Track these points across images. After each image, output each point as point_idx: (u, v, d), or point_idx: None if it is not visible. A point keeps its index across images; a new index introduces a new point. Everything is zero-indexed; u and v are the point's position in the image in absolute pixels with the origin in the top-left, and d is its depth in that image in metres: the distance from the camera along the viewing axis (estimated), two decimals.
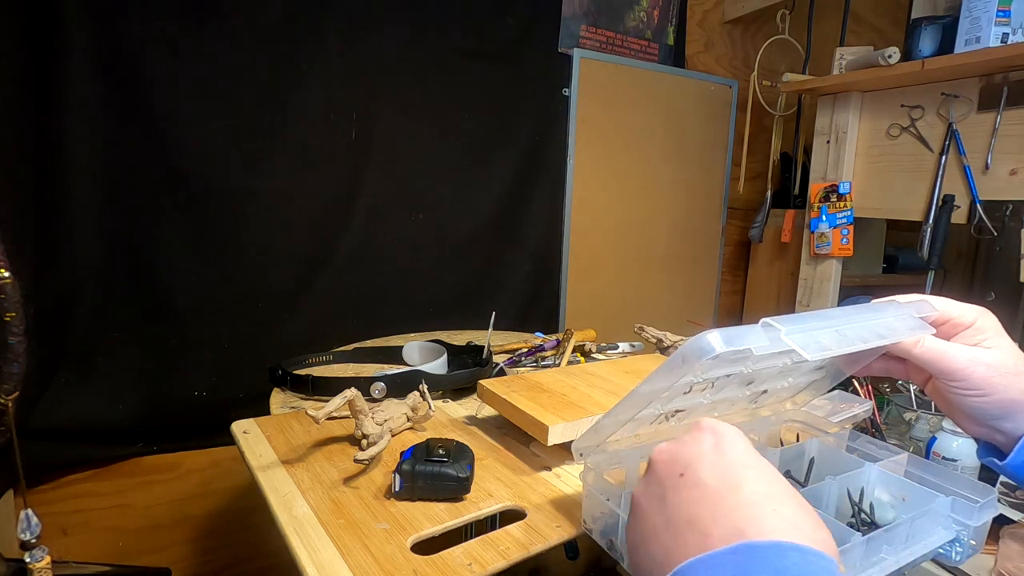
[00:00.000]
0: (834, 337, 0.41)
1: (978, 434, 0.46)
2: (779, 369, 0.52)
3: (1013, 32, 1.21)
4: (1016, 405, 0.42)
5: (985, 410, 0.43)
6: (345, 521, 0.58)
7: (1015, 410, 0.42)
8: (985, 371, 0.42)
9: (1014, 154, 1.27)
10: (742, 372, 0.48)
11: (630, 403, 0.46)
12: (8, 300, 0.82)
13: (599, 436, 0.51)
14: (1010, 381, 0.42)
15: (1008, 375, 0.42)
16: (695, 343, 0.38)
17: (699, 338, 0.38)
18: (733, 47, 2.09)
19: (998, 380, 0.42)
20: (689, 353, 0.38)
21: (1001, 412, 0.42)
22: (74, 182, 1.14)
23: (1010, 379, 0.42)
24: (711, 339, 0.37)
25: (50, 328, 1.15)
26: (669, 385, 0.42)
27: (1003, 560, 0.72)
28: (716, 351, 0.37)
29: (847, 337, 0.42)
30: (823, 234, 1.65)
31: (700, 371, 0.42)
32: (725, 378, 0.50)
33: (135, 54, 1.16)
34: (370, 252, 1.47)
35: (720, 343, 0.37)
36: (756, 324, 0.39)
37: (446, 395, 0.95)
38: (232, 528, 1.44)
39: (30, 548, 0.78)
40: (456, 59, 1.51)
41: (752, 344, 0.38)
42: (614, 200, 1.88)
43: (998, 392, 0.42)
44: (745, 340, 0.38)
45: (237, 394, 1.32)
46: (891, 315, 0.45)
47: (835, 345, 0.41)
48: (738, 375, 0.50)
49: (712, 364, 0.41)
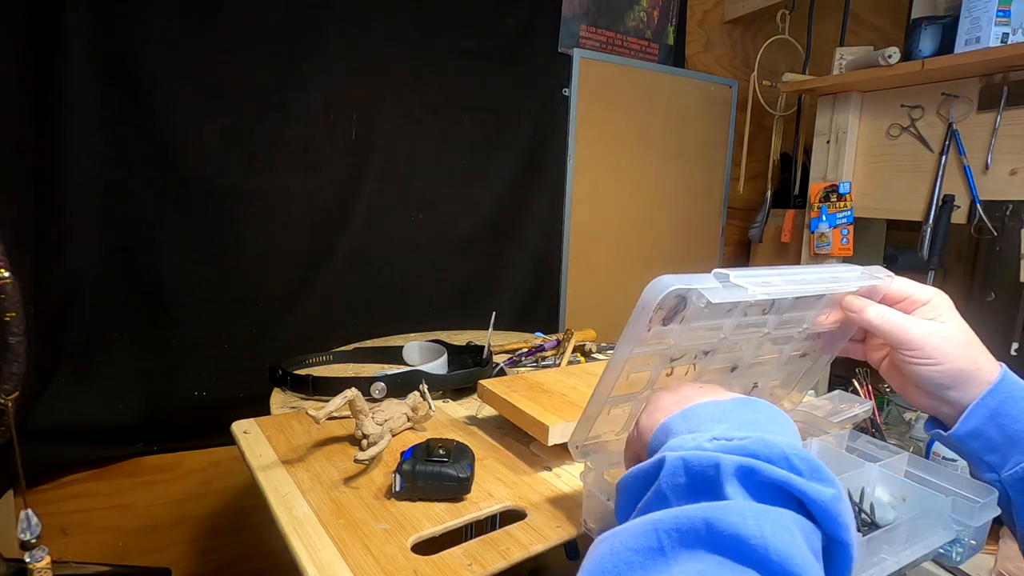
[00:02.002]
0: (783, 280, 0.44)
1: (926, 407, 0.49)
2: (756, 345, 0.52)
3: (1013, 32, 1.21)
4: (965, 375, 0.46)
5: (937, 380, 0.46)
6: (345, 521, 0.58)
7: (964, 379, 0.46)
8: (939, 342, 0.46)
9: (1014, 154, 1.27)
10: (717, 344, 0.50)
11: (609, 375, 0.47)
12: (8, 300, 0.82)
13: (589, 423, 0.51)
14: (961, 351, 0.46)
15: (960, 346, 0.46)
16: (651, 286, 0.41)
17: (654, 281, 0.41)
18: (733, 47, 2.09)
19: (950, 350, 0.46)
20: (646, 296, 0.41)
21: (951, 381, 0.46)
22: (74, 182, 1.14)
23: (961, 350, 0.46)
24: (664, 279, 0.41)
25: (50, 328, 1.15)
26: (637, 339, 0.43)
27: (1003, 560, 0.72)
28: (670, 287, 0.40)
29: (796, 281, 0.45)
30: (823, 234, 1.65)
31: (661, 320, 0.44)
32: (704, 356, 0.50)
33: (135, 54, 1.16)
34: (370, 252, 1.47)
35: (673, 280, 0.40)
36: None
37: (446, 395, 0.95)
38: (232, 528, 1.44)
39: (30, 548, 0.78)
40: (456, 59, 1.51)
41: (703, 285, 0.41)
42: (614, 200, 1.88)
43: (949, 361, 0.45)
44: (697, 281, 0.41)
45: (237, 394, 1.31)
46: (840, 269, 0.50)
47: (784, 285, 0.44)
48: (717, 351, 0.50)
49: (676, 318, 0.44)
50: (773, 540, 0.27)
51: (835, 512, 0.30)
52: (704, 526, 0.29)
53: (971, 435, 0.46)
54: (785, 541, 0.28)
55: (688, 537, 0.29)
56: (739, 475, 0.31)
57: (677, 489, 0.33)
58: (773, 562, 0.27)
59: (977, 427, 0.46)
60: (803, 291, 0.46)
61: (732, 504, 0.30)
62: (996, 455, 0.46)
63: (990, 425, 0.45)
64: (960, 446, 0.47)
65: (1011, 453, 0.45)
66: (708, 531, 0.28)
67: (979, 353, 0.46)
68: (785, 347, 0.56)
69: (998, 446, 0.46)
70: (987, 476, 0.47)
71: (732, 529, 0.28)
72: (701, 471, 0.32)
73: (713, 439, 0.34)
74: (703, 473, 0.32)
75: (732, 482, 0.31)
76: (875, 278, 0.50)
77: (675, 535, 0.29)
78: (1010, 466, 0.45)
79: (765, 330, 0.51)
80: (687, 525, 0.29)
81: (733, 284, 0.42)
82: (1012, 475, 0.45)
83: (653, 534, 0.30)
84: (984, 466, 0.47)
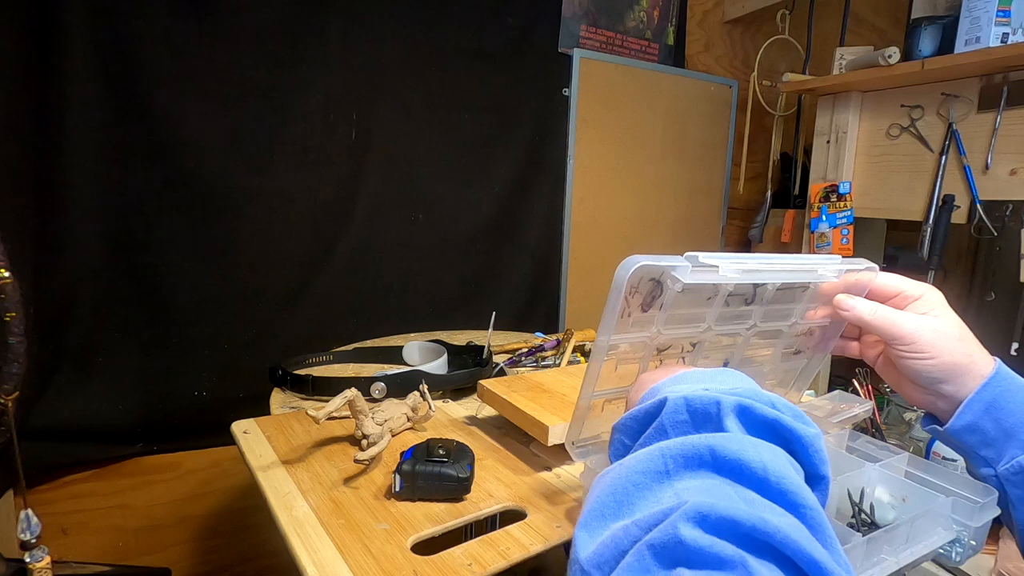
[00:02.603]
0: (756, 263, 0.45)
1: (922, 402, 0.49)
2: (744, 339, 0.52)
3: (1013, 32, 1.21)
4: (959, 368, 0.46)
5: (931, 373, 0.46)
6: (345, 521, 0.58)
7: (958, 373, 0.46)
8: (932, 335, 0.46)
9: (1014, 154, 1.27)
10: (703, 335, 0.50)
11: (594, 362, 0.47)
12: (8, 300, 0.82)
13: (581, 417, 0.51)
14: (954, 345, 0.46)
15: (952, 339, 0.46)
16: (621, 265, 0.41)
17: (624, 260, 0.41)
18: (733, 47, 2.09)
19: (943, 344, 0.46)
20: (618, 275, 0.41)
21: (944, 375, 0.46)
22: (74, 182, 1.14)
23: (954, 343, 0.46)
24: (633, 257, 0.41)
25: (50, 328, 1.15)
26: (615, 322, 0.44)
27: (1003, 560, 0.72)
28: (639, 263, 0.40)
29: (770, 267, 0.45)
30: (823, 234, 1.65)
31: (640, 306, 0.44)
32: (692, 348, 0.50)
33: (135, 54, 1.16)
34: (370, 252, 1.47)
35: (641, 258, 0.41)
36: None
37: (446, 395, 0.95)
38: (232, 528, 1.44)
39: (30, 548, 0.78)
40: (456, 59, 1.51)
41: (670, 263, 0.42)
42: (614, 200, 1.87)
43: (943, 355, 0.46)
44: (665, 260, 0.42)
45: (237, 394, 1.31)
46: (818, 258, 0.50)
47: (756, 267, 0.44)
48: (703, 343, 0.50)
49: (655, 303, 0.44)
50: (771, 465, 0.30)
51: (817, 447, 0.34)
52: (708, 452, 0.31)
53: (967, 429, 0.46)
54: (781, 467, 0.31)
55: (693, 461, 0.31)
56: (737, 412, 0.34)
57: (678, 425, 0.35)
58: (771, 483, 0.30)
59: (972, 421, 0.46)
60: (775, 277, 0.46)
61: (732, 435, 0.33)
62: (992, 450, 0.46)
63: (985, 419, 0.45)
64: (956, 441, 0.47)
65: (1007, 447, 0.45)
66: (712, 456, 0.31)
67: (973, 347, 0.47)
68: (776, 343, 0.55)
69: (993, 440, 0.46)
70: (983, 471, 0.47)
71: (735, 455, 0.31)
72: (703, 408, 0.35)
73: (705, 390, 0.36)
74: (705, 410, 0.35)
75: (731, 417, 0.34)
76: (855, 268, 0.50)
77: (680, 459, 0.32)
78: (1006, 460, 0.45)
79: (751, 322, 0.51)
80: (692, 451, 0.32)
81: (703, 264, 0.42)
82: (1008, 469, 0.45)
83: (660, 459, 0.32)
84: (980, 461, 0.47)
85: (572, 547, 0.31)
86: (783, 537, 0.26)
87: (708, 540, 0.26)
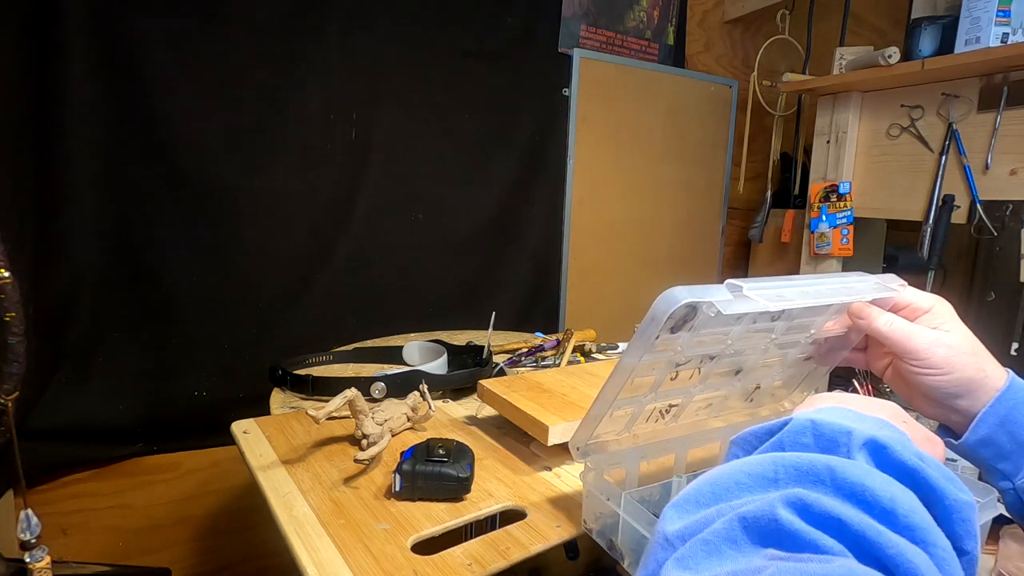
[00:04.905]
0: (796, 292, 0.43)
1: (935, 416, 0.48)
2: (762, 350, 0.52)
3: (1013, 32, 1.21)
4: (972, 383, 0.45)
5: (944, 389, 0.45)
6: (345, 521, 0.58)
7: (972, 388, 0.45)
8: (946, 351, 0.45)
9: (1014, 154, 1.27)
10: (724, 350, 0.49)
11: (615, 380, 0.46)
12: (8, 300, 0.82)
13: (592, 425, 0.51)
14: (967, 360, 0.45)
15: (966, 355, 0.45)
16: (662, 297, 0.39)
17: (666, 293, 0.39)
18: (733, 47, 2.09)
19: (957, 359, 0.45)
20: (657, 308, 0.40)
21: (958, 390, 0.45)
22: (74, 182, 1.14)
23: (967, 358, 0.45)
24: (676, 291, 0.39)
25: (50, 328, 1.15)
26: (646, 348, 0.43)
27: (1003, 560, 0.72)
28: (681, 300, 0.38)
29: (809, 293, 0.44)
30: (823, 234, 1.65)
31: (670, 329, 0.42)
32: (710, 360, 0.50)
33: (135, 54, 1.16)
34: (370, 252, 1.47)
35: (685, 293, 0.39)
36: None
37: (446, 395, 0.95)
38: (232, 528, 1.44)
39: (30, 548, 0.78)
40: (456, 59, 1.51)
41: (715, 297, 0.40)
42: (614, 200, 1.87)
43: (956, 371, 0.45)
44: (709, 294, 0.40)
45: (237, 394, 1.31)
46: (854, 279, 0.48)
47: (797, 298, 0.43)
48: (723, 356, 0.50)
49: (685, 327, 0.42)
50: (902, 499, 0.25)
51: (966, 516, 0.28)
52: (827, 471, 0.27)
53: (982, 443, 0.45)
54: (913, 504, 0.25)
55: (807, 477, 0.28)
56: (870, 448, 0.30)
57: (799, 448, 0.31)
58: (899, 516, 0.25)
59: (987, 435, 0.45)
60: (816, 303, 0.45)
61: (859, 463, 0.28)
62: (1008, 463, 0.45)
63: (1000, 433, 0.44)
64: (971, 454, 0.47)
65: (1023, 460, 0.45)
66: (831, 477, 0.27)
67: (985, 361, 0.46)
68: (790, 351, 0.55)
69: (1009, 453, 0.45)
70: (1001, 484, 0.46)
71: (858, 480, 0.26)
72: (831, 435, 0.31)
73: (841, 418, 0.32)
74: (832, 438, 0.31)
75: (862, 452, 0.29)
76: (889, 289, 0.48)
77: (792, 471, 0.28)
78: (1023, 474, 0.45)
79: (772, 336, 0.51)
80: (808, 467, 0.28)
81: (745, 296, 0.41)
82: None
83: (771, 466, 0.29)
84: (997, 474, 0.46)
85: (659, 521, 0.29)
86: (896, 553, 0.23)
87: (807, 528, 0.24)
